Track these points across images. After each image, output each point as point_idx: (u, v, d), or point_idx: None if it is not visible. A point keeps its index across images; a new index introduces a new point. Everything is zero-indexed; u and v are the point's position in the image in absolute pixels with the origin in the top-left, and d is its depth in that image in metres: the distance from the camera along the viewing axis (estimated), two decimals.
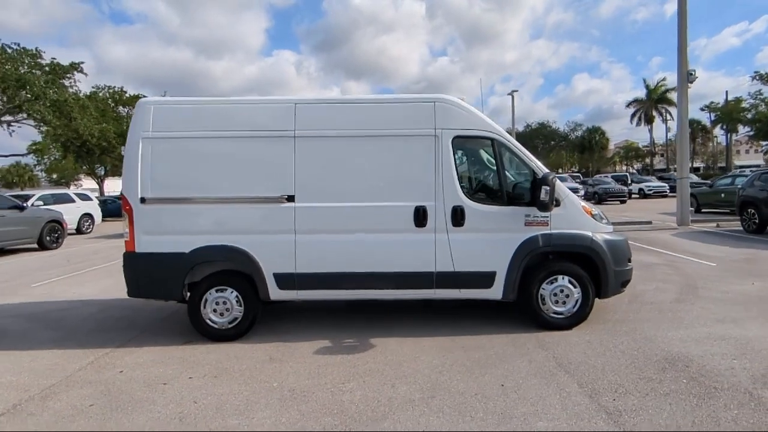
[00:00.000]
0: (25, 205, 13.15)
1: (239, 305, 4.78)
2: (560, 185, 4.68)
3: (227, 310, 4.78)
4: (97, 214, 18.40)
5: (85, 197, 18.78)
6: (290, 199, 4.68)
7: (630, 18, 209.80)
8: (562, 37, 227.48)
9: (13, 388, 3.83)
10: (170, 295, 4.87)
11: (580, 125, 60.15)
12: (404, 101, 4.88)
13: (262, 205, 4.72)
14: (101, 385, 3.82)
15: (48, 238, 13.00)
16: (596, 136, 56.70)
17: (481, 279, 4.71)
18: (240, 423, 3.16)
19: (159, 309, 5.95)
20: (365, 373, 3.90)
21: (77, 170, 46.08)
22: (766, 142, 42.17)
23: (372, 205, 4.67)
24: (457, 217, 4.65)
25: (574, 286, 4.74)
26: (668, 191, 28.44)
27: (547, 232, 4.67)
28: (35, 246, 12.81)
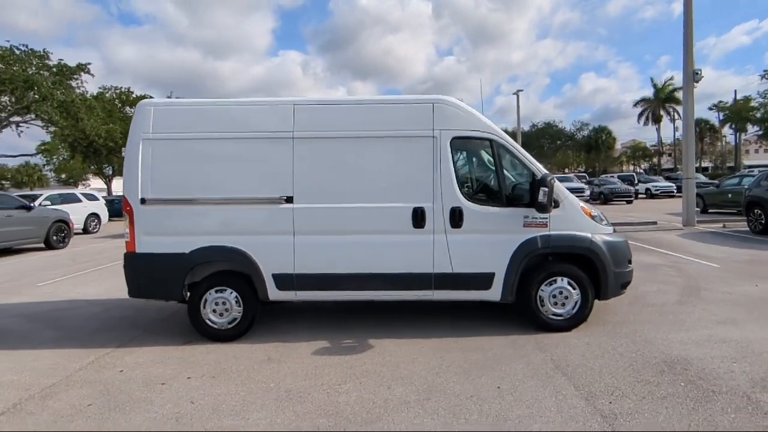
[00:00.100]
0: (32, 205, 13.27)
1: (238, 306, 4.81)
2: (559, 186, 4.66)
3: (226, 310, 4.80)
4: (104, 214, 18.55)
5: (91, 197, 18.98)
6: (289, 200, 4.69)
7: (637, 16, 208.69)
8: (569, 37, 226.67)
9: (14, 387, 3.88)
10: (170, 296, 4.91)
11: (587, 125, 59.71)
12: (403, 102, 4.87)
13: (261, 206, 4.74)
14: (100, 384, 3.86)
15: (55, 238, 13.12)
16: (603, 136, 56.27)
17: (480, 280, 4.70)
18: (235, 423, 3.18)
19: (160, 309, 5.99)
20: (362, 374, 3.90)
21: (85, 170, 46.48)
22: None
23: (370, 206, 4.68)
24: (456, 218, 4.65)
25: (574, 288, 4.72)
26: (675, 191, 28.13)
27: (546, 234, 4.65)
28: (42, 246, 12.93)
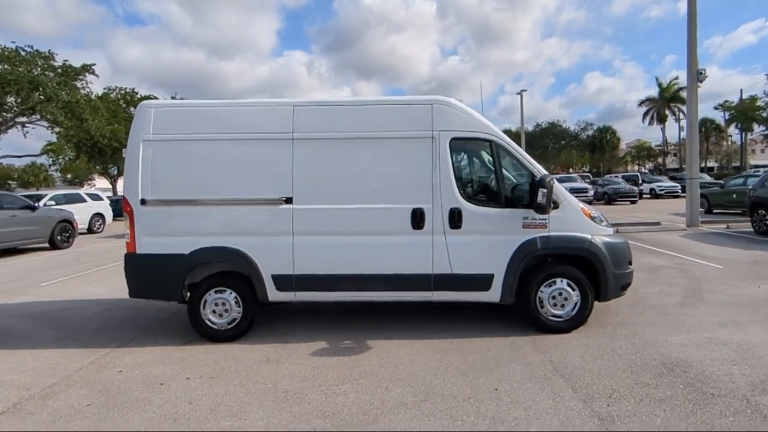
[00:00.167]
0: (37, 205, 13.37)
1: (238, 306, 4.82)
2: (558, 187, 4.65)
3: (226, 311, 4.82)
4: (108, 214, 18.68)
5: (96, 197, 19.10)
6: (288, 201, 4.70)
7: (643, 15, 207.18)
8: (574, 36, 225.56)
9: (15, 386, 3.91)
10: (170, 296, 4.93)
11: (591, 124, 59.56)
12: (401, 103, 4.87)
13: (261, 207, 4.75)
14: (100, 384, 3.88)
15: (59, 238, 13.22)
16: (607, 136, 56.08)
17: (479, 281, 4.69)
18: (232, 424, 3.19)
19: (161, 309, 6.02)
20: (360, 375, 3.91)
21: (91, 170, 46.78)
22: None
23: (369, 207, 4.68)
24: (455, 219, 4.64)
25: (573, 289, 4.70)
26: (680, 191, 27.98)
27: (546, 235, 4.64)
28: (47, 245, 13.03)
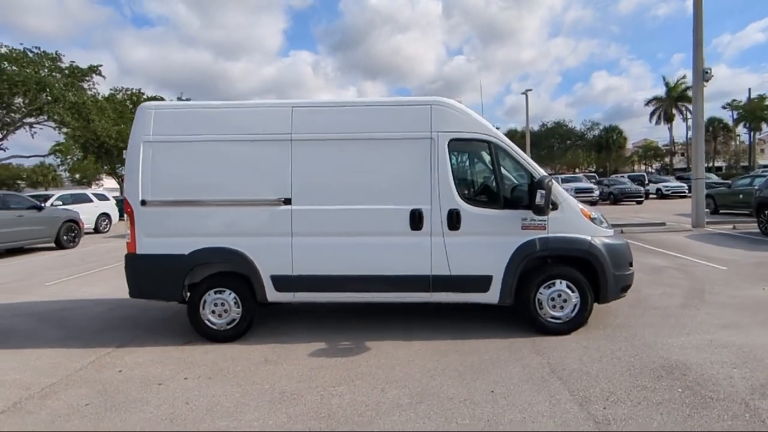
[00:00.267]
0: (43, 205, 13.50)
1: (237, 307, 4.84)
2: (557, 188, 4.62)
3: (225, 311, 4.84)
4: (114, 214, 18.80)
5: (102, 197, 19.26)
6: (287, 201, 4.71)
7: (650, 14, 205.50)
8: (581, 35, 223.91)
9: (16, 386, 3.95)
10: (170, 296, 4.96)
11: (597, 124, 59.27)
12: (400, 104, 4.86)
13: (260, 208, 4.77)
14: (99, 384, 3.91)
15: (65, 238, 13.33)
16: (613, 135, 55.76)
17: (478, 283, 4.68)
18: (228, 425, 3.20)
19: (163, 309, 6.05)
20: (357, 376, 3.91)
21: (98, 170, 47.17)
22: None
23: (368, 208, 4.68)
24: (453, 220, 4.63)
25: (572, 291, 4.67)
26: (687, 191, 27.66)
27: (545, 236, 4.62)
28: (53, 245, 13.15)
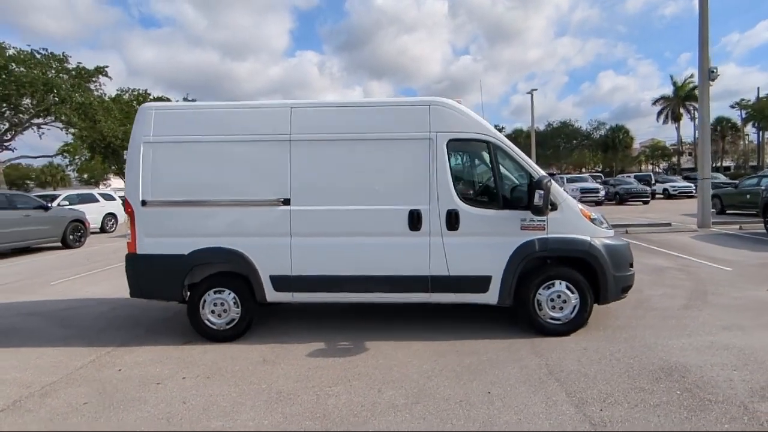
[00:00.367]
0: (50, 205, 13.63)
1: (236, 307, 4.86)
2: (556, 189, 4.60)
3: (225, 311, 4.86)
4: (120, 214, 18.90)
5: (108, 197, 19.42)
6: (286, 202, 4.73)
7: (657, 13, 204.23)
8: (588, 34, 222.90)
9: (17, 384, 3.99)
10: (170, 296, 4.99)
11: (603, 124, 58.89)
12: (399, 104, 4.86)
13: (259, 208, 4.78)
14: (98, 383, 3.94)
15: (71, 237, 13.45)
16: (620, 135, 55.37)
17: (477, 283, 4.67)
18: (224, 424, 3.21)
19: (163, 309, 6.09)
20: (354, 377, 3.91)
21: (106, 170, 47.53)
22: None
23: (367, 209, 4.68)
24: (452, 220, 4.62)
25: (572, 292, 4.65)
26: (694, 191, 27.43)
27: (544, 237, 4.59)
28: (59, 245, 13.27)
